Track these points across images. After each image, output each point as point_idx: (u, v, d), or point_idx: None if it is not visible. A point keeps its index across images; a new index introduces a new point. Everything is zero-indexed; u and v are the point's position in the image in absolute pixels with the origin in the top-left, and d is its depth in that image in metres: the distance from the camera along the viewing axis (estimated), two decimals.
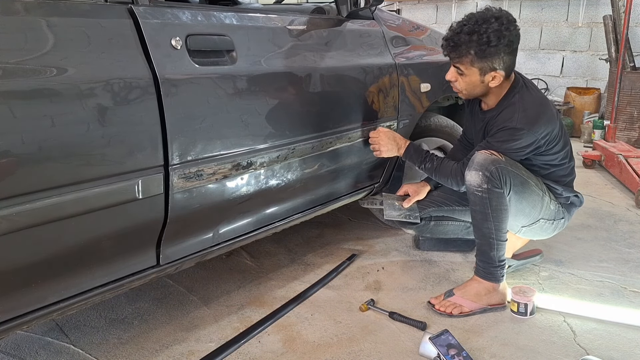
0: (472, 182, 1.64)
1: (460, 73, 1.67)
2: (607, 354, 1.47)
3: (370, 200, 2.18)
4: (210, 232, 1.48)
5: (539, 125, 1.64)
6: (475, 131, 1.88)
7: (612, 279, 1.91)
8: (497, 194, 1.62)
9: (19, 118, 0.99)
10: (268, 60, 1.51)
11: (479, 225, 1.68)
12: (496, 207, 1.63)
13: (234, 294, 1.83)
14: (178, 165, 1.27)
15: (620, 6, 4.02)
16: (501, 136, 1.66)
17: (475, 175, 1.63)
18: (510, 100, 1.69)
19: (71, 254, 1.15)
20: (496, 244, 1.66)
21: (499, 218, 1.65)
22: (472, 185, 1.64)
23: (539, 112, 1.67)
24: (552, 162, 1.77)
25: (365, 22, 1.94)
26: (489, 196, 1.62)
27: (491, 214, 1.64)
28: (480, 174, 1.61)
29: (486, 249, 1.68)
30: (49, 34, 1.05)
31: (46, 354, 1.49)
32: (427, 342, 1.44)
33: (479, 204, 1.64)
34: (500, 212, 1.64)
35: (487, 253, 1.68)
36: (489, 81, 1.65)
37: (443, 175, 1.82)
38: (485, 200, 1.63)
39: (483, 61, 1.61)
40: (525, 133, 1.63)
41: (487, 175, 1.61)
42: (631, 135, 4.04)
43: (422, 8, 5.65)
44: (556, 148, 1.74)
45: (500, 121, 1.68)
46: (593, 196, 2.88)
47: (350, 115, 1.81)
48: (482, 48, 1.59)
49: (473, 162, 1.65)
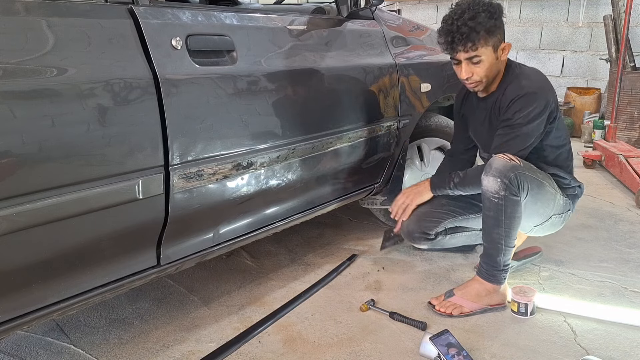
0: (490, 188, 1.61)
1: (476, 61, 1.64)
2: (607, 354, 1.47)
3: (370, 200, 2.18)
4: (211, 232, 1.48)
5: (546, 89, 1.70)
6: (478, 124, 1.86)
7: (612, 279, 1.91)
8: (513, 202, 1.60)
9: (19, 118, 0.99)
10: (268, 60, 1.51)
11: (490, 230, 1.67)
12: (510, 215, 1.62)
13: (234, 294, 1.83)
14: (178, 165, 1.27)
15: (620, 6, 4.02)
16: (516, 107, 1.66)
17: (493, 182, 1.60)
18: (512, 76, 1.73)
19: (71, 254, 1.15)
20: (504, 249, 1.66)
21: (510, 225, 1.63)
22: (488, 191, 1.62)
23: (541, 78, 1.74)
24: (558, 143, 1.79)
25: (366, 22, 1.95)
26: (505, 203, 1.60)
27: (504, 220, 1.62)
28: (499, 181, 1.59)
29: (493, 252, 1.67)
30: (49, 34, 1.05)
31: (46, 354, 1.49)
32: (427, 342, 1.44)
33: (494, 210, 1.63)
34: (513, 219, 1.63)
35: (493, 257, 1.68)
36: (501, 55, 1.68)
37: (474, 183, 1.74)
38: (500, 207, 1.61)
39: (494, 36, 1.63)
40: (538, 95, 1.65)
41: (506, 182, 1.58)
42: (631, 135, 4.04)
43: (422, 8, 5.65)
44: (560, 122, 1.77)
45: (510, 95, 1.68)
46: (593, 196, 2.88)
47: (351, 115, 1.81)
48: (490, 23, 1.61)
49: (491, 168, 1.62)
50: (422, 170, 2.29)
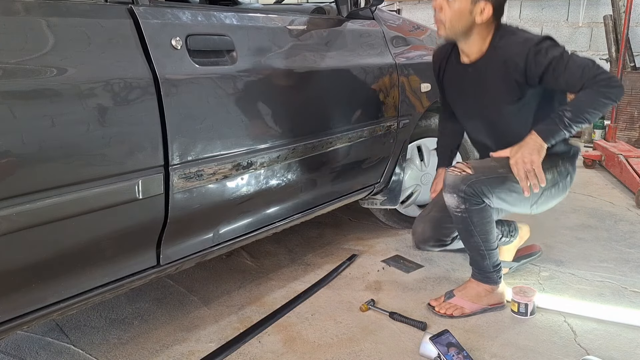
0: (451, 204, 1.61)
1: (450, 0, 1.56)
2: (607, 354, 1.47)
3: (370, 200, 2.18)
4: (211, 232, 1.48)
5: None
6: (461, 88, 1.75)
7: (612, 279, 1.91)
8: (477, 211, 1.59)
9: (19, 118, 0.99)
10: (268, 60, 1.51)
11: (466, 240, 1.67)
12: (478, 223, 1.61)
13: (234, 294, 1.83)
14: (178, 165, 1.27)
15: (620, 6, 4.02)
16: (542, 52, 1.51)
17: (450, 198, 1.60)
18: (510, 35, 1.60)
19: (71, 254, 1.15)
20: (487, 254, 1.66)
21: (484, 231, 1.63)
22: (451, 207, 1.61)
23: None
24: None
25: (366, 22, 1.94)
26: (470, 215, 1.59)
27: (474, 229, 1.62)
28: (455, 196, 1.58)
29: (478, 259, 1.68)
30: (49, 34, 1.05)
31: (46, 354, 1.49)
32: (427, 342, 1.44)
33: (461, 223, 1.62)
34: (483, 225, 1.62)
35: (479, 263, 1.68)
36: (477, 14, 1.56)
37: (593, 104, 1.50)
38: (466, 219, 1.60)
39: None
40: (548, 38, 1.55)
41: (462, 196, 1.56)
42: (631, 135, 4.04)
43: (422, 8, 5.65)
44: None
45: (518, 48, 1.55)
46: (593, 196, 2.88)
47: (351, 115, 1.81)
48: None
49: (445, 185, 1.61)
50: (422, 170, 2.29)
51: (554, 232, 2.34)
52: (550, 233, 2.33)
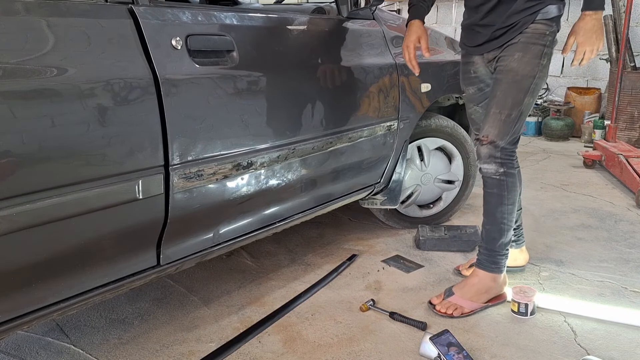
0: (489, 171, 1.68)
1: None
2: (607, 354, 1.47)
3: (370, 200, 2.18)
4: (211, 232, 1.48)
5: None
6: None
7: (612, 279, 1.91)
8: (512, 174, 1.68)
9: (19, 118, 0.99)
10: (268, 60, 1.51)
11: (493, 210, 1.70)
12: (512, 188, 1.68)
13: (234, 294, 1.83)
14: (178, 165, 1.27)
15: (620, 6, 4.01)
16: None
17: (488, 166, 1.67)
18: None
19: (71, 254, 1.15)
20: (506, 229, 1.70)
21: (512, 200, 1.69)
22: (489, 173, 1.68)
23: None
24: None
25: (366, 22, 1.94)
26: (506, 178, 1.67)
27: (506, 195, 1.68)
28: (493, 163, 1.66)
29: (496, 235, 1.70)
30: (49, 34, 1.05)
31: (46, 354, 1.49)
32: (427, 342, 1.44)
33: (497, 187, 1.68)
34: (514, 193, 1.70)
35: (495, 240, 1.70)
36: None
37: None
38: (503, 183, 1.67)
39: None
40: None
41: (499, 161, 1.65)
42: (632, 135, 4.04)
43: None
44: None
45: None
46: (594, 196, 2.88)
47: (351, 115, 1.81)
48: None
49: (480, 156, 1.69)
50: (422, 170, 2.29)
51: (554, 232, 2.34)
52: (550, 233, 2.33)
